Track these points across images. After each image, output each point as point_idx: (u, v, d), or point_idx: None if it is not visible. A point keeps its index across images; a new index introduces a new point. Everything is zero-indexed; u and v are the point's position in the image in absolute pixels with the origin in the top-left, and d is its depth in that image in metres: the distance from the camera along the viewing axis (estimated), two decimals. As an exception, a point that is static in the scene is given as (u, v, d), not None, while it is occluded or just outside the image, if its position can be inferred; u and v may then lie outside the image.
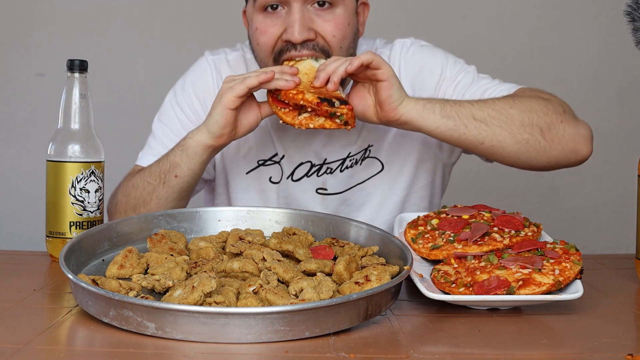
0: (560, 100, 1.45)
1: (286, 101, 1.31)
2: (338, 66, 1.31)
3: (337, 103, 1.29)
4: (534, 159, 1.40)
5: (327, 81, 1.31)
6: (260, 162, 1.61)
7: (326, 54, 1.44)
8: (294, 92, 1.30)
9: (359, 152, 1.59)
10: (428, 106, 1.34)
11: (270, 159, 1.60)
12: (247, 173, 1.62)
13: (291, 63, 1.40)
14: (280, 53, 1.44)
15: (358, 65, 1.29)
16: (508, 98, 1.40)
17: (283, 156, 1.59)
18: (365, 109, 1.35)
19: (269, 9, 1.45)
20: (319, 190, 1.61)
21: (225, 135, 1.35)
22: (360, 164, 1.60)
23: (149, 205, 1.44)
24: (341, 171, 1.59)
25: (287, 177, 1.60)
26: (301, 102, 1.29)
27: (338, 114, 1.29)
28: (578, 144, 1.41)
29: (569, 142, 1.40)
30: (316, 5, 1.44)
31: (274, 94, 1.34)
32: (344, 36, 1.46)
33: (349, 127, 1.31)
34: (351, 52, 1.50)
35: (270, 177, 1.61)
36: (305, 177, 1.60)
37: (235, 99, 1.30)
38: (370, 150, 1.60)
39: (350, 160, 1.59)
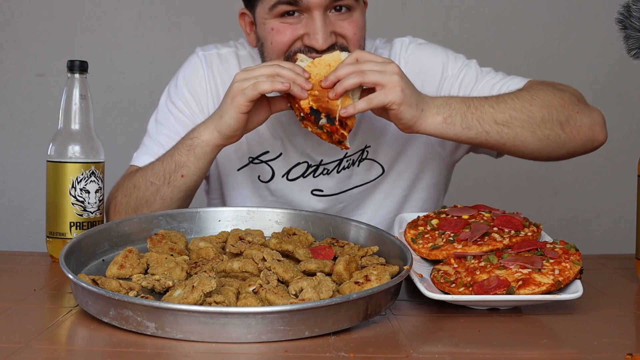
0: (572, 89, 1.45)
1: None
2: (349, 76, 1.26)
3: (323, 120, 1.24)
4: (553, 152, 1.41)
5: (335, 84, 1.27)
6: (250, 159, 1.60)
7: (346, 50, 1.43)
8: None
9: (356, 153, 1.58)
10: (449, 120, 1.30)
11: (258, 157, 1.59)
12: (238, 170, 1.61)
13: (310, 58, 1.35)
14: (294, 53, 1.43)
15: (363, 110, 1.25)
16: (526, 94, 1.38)
17: (280, 154, 1.59)
18: (381, 112, 1.32)
19: (286, 15, 1.43)
20: (314, 192, 1.60)
21: (237, 136, 1.35)
22: (358, 166, 1.59)
23: (153, 205, 1.42)
24: (337, 172, 1.58)
25: (283, 176, 1.60)
26: (296, 105, 1.28)
27: (325, 130, 1.26)
28: (595, 132, 1.42)
29: (586, 132, 1.41)
30: (333, 10, 1.43)
31: None
32: (362, 36, 1.47)
33: (342, 147, 1.27)
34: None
35: (259, 176, 1.61)
36: (302, 178, 1.59)
37: (249, 103, 1.28)
38: (367, 152, 1.58)
39: (347, 161, 1.58)
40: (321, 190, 1.60)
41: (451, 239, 1.19)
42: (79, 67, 1.37)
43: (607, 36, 2.80)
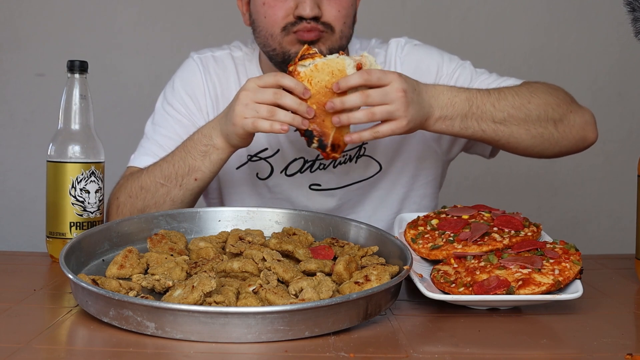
0: (564, 90, 1.49)
1: None
2: (357, 113, 1.27)
3: (315, 144, 1.28)
4: (546, 150, 1.45)
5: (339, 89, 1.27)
6: (249, 157, 1.61)
7: (329, 28, 1.46)
8: None
9: (353, 149, 1.59)
10: (448, 122, 1.35)
11: (256, 155, 1.59)
12: (237, 168, 1.62)
13: (313, 60, 1.31)
14: (291, 25, 1.45)
15: (368, 140, 1.31)
16: (525, 91, 1.42)
17: (278, 150, 1.59)
18: None
19: None
20: (312, 187, 1.61)
21: (248, 144, 1.38)
22: (355, 162, 1.60)
23: (162, 206, 1.43)
24: (334, 167, 1.59)
25: (281, 172, 1.60)
26: None
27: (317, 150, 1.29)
28: (586, 131, 1.46)
29: (578, 131, 1.45)
30: None
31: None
32: (347, 15, 1.49)
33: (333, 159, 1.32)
34: (351, 32, 1.53)
35: (257, 173, 1.62)
36: (299, 173, 1.60)
37: (249, 134, 1.32)
38: (365, 149, 1.59)
39: (343, 157, 1.59)
40: (319, 185, 1.60)
41: (451, 239, 1.19)
42: (79, 67, 1.37)
43: (607, 36, 2.81)
